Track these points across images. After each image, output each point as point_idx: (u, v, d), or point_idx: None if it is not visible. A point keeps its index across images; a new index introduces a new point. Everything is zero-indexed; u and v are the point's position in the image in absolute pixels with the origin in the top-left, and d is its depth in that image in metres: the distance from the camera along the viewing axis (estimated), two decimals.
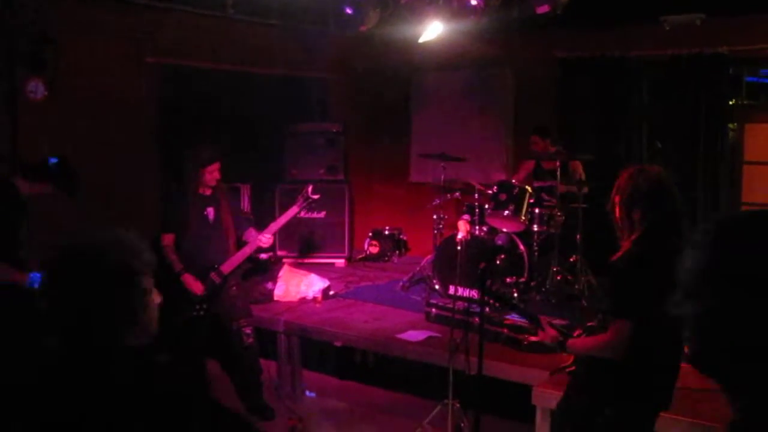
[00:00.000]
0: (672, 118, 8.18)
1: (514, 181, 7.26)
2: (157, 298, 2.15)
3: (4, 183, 4.86)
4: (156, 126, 7.85)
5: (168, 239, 5.72)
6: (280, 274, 7.43)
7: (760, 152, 8.12)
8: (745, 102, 8.50)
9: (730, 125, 8.32)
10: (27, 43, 6.55)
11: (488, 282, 5.49)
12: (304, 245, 8.93)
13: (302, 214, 8.58)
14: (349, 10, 6.31)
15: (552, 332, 3.54)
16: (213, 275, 5.73)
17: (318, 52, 9.20)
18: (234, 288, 5.88)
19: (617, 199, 3.44)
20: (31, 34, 6.53)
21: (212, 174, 5.71)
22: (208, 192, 5.79)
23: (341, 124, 9.34)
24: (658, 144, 9.05)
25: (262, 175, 8.78)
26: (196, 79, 8.10)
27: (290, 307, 6.93)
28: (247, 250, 5.85)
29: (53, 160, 5.00)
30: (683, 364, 5.05)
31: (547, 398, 4.66)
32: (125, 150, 7.39)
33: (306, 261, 8.72)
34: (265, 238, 5.82)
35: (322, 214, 8.96)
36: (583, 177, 7.46)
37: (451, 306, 5.97)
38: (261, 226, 6.00)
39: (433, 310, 6.51)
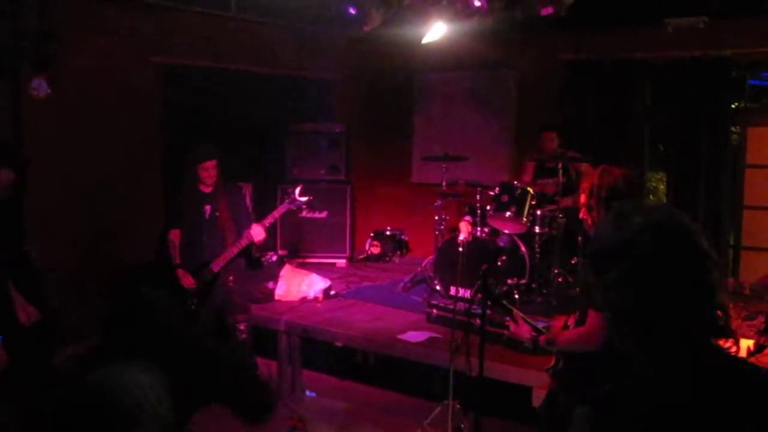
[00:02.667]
0: (675, 121, 8.18)
1: (516, 183, 7.25)
2: None
3: None
4: (160, 125, 7.85)
5: (174, 234, 5.93)
6: (282, 273, 7.44)
7: (763, 155, 8.11)
8: (747, 105, 8.50)
9: (733, 128, 8.32)
10: (31, 40, 6.54)
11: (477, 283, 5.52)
12: (305, 245, 8.93)
13: (304, 213, 8.64)
14: (352, 11, 6.31)
15: (525, 327, 3.61)
16: (205, 271, 5.88)
17: (321, 52, 9.21)
18: (231, 283, 5.99)
19: (583, 198, 3.57)
20: (36, 31, 6.53)
21: (207, 171, 5.81)
22: (208, 190, 5.92)
23: (343, 125, 9.34)
24: (660, 147, 9.06)
25: (263, 174, 8.80)
26: (200, 78, 8.10)
27: (291, 306, 6.94)
28: (234, 249, 5.93)
29: None
30: None
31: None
32: (129, 148, 7.40)
33: (307, 261, 8.73)
34: (255, 231, 5.88)
35: (324, 214, 8.97)
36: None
37: (452, 307, 5.98)
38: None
39: (434, 310, 6.52)
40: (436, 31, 6.74)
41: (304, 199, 6.08)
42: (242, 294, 6.18)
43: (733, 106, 8.24)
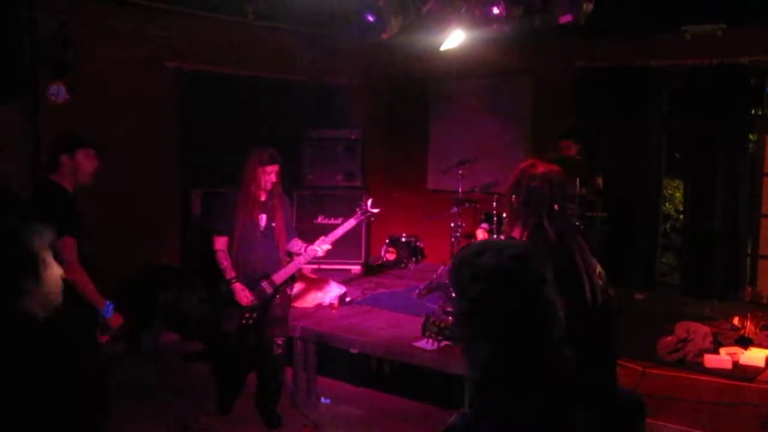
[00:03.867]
0: (692, 129, 8.14)
1: None
2: (57, 271, 2.32)
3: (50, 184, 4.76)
4: (175, 130, 7.88)
5: (221, 243, 5.62)
6: (297, 280, 7.44)
7: None
8: (765, 113, 8.45)
9: (751, 136, 8.28)
10: (49, 47, 6.60)
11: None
12: None
13: (320, 220, 8.65)
14: (370, 18, 6.30)
15: None
16: (265, 285, 5.66)
17: (338, 58, 9.23)
18: (278, 297, 5.82)
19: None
20: (54, 38, 6.58)
21: (269, 176, 5.57)
22: (263, 197, 5.65)
23: (360, 131, 9.35)
24: (676, 155, 9.02)
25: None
26: (216, 84, 8.14)
27: (306, 313, 6.93)
28: (301, 260, 5.78)
29: None
30: (701, 377, 5.06)
31: None
32: (145, 154, 7.44)
33: (322, 267, 8.72)
34: (322, 249, 5.76)
35: (340, 221, 8.94)
36: (602, 187, 7.42)
37: None
38: (310, 241, 5.93)
39: (450, 318, 6.49)
40: (454, 38, 6.72)
41: (376, 210, 6.00)
42: (284, 307, 5.99)
43: (751, 113, 8.19)
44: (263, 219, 5.68)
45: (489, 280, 1.71)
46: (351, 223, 5.92)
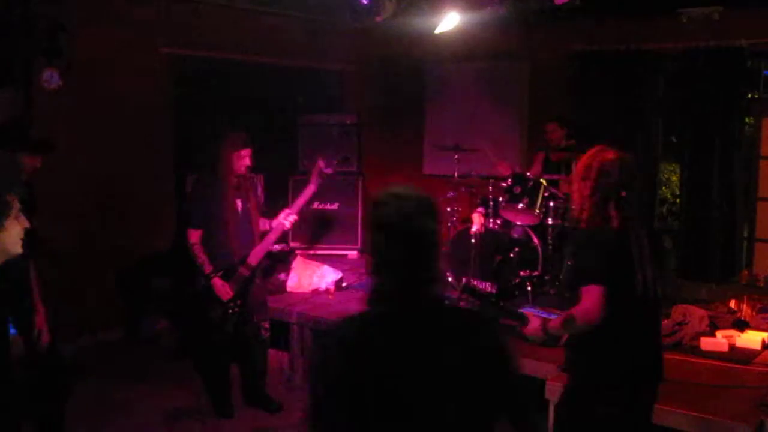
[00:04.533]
0: (688, 112, 8.11)
1: (528, 174, 7.22)
2: (23, 223, 2.46)
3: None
4: (169, 116, 7.85)
5: (195, 236, 5.44)
6: (293, 265, 7.44)
7: None
8: (762, 96, 8.43)
9: (747, 119, 8.25)
10: (42, 32, 6.55)
11: (464, 279, 5.43)
12: (316, 237, 8.91)
13: (315, 205, 8.62)
14: (364, 1, 6.26)
15: (537, 321, 3.58)
16: (242, 269, 5.55)
17: (333, 42, 9.18)
18: (256, 281, 5.73)
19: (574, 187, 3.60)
20: (46, 23, 6.53)
21: (243, 160, 5.45)
22: (235, 182, 5.52)
23: (355, 116, 9.31)
24: (672, 138, 9.00)
25: (275, 166, 8.77)
26: (210, 69, 8.09)
27: (303, 298, 6.93)
28: (271, 237, 5.65)
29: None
30: (697, 360, 5.06)
31: (560, 392, 4.64)
32: (139, 140, 7.41)
33: (319, 252, 8.71)
34: (289, 221, 5.66)
35: (336, 206, 8.95)
36: None
37: (464, 298, 5.95)
38: (274, 217, 5.85)
39: (446, 302, 6.49)
40: (449, 21, 6.68)
41: (329, 171, 5.89)
42: (262, 290, 5.93)
43: (747, 96, 8.16)
44: (239, 204, 5.58)
45: (381, 232, 2.14)
46: (311, 189, 5.75)
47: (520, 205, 6.90)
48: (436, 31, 6.85)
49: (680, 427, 4.21)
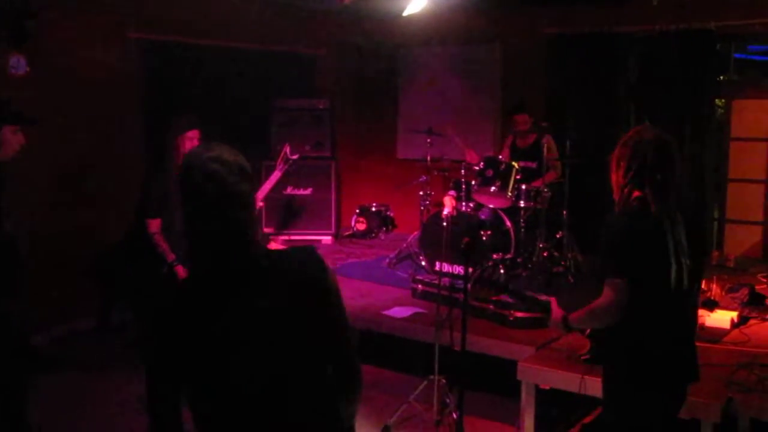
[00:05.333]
0: (660, 94, 8.14)
1: (501, 157, 7.23)
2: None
3: None
4: (140, 102, 7.77)
5: (155, 225, 5.29)
6: None
7: (747, 128, 8.12)
8: (732, 78, 8.49)
9: (718, 101, 8.31)
10: (7, 17, 6.45)
11: (486, 274, 5.38)
12: (290, 222, 8.90)
13: (289, 190, 8.59)
14: None
15: (557, 312, 3.39)
16: None
17: (304, 27, 9.13)
18: None
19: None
20: (12, 8, 6.43)
21: (192, 142, 5.24)
22: None
23: (327, 100, 9.28)
24: (646, 121, 9.03)
25: (247, 151, 8.63)
26: (180, 54, 8.01)
27: None
28: None
29: None
30: None
31: (532, 373, 4.67)
32: (108, 125, 7.33)
33: (293, 238, 8.70)
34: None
35: (309, 191, 8.93)
36: (556, 153, 7.41)
37: (437, 282, 5.96)
38: None
39: (419, 286, 6.51)
40: (417, 3, 6.67)
41: (294, 156, 5.87)
42: None
43: (718, 79, 8.22)
44: None
45: (189, 198, 2.12)
46: (277, 175, 5.77)
47: (493, 189, 6.91)
48: (405, 14, 6.84)
49: None
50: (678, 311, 3.20)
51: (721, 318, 5.43)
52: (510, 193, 6.94)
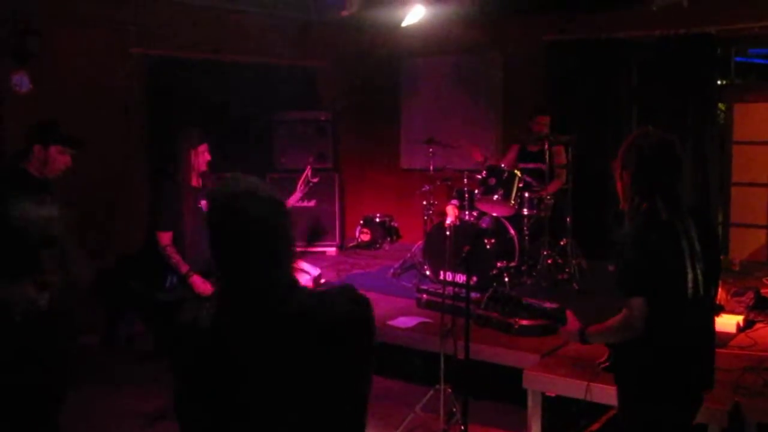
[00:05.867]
0: (661, 99, 8.15)
1: (503, 165, 7.24)
2: None
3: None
4: (143, 118, 7.81)
5: (166, 238, 5.33)
6: None
7: (749, 132, 8.12)
8: (733, 82, 8.49)
9: (720, 105, 8.31)
10: (10, 35, 6.49)
11: (500, 291, 5.31)
12: (295, 234, 8.89)
13: (292, 202, 8.59)
14: None
15: (575, 324, 3.31)
16: None
17: (307, 40, 9.16)
18: None
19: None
20: (15, 25, 6.47)
21: (202, 156, 5.34)
22: (198, 182, 5.42)
23: (330, 112, 9.31)
24: (649, 127, 9.02)
25: (251, 164, 8.72)
26: (183, 69, 8.04)
27: None
28: None
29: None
30: None
31: (538, 381, 4.66)
32: (112, 142, 7.35)
33: (297, 250, 8.68)
34: None
35: (313, 203, 8.94)
36: (566, 161, 7.40)
37: (441, 291, 5.96)
38: None
39: (424, 296, 6.51)
40: (415, 13, 6.70)
41: (316, 180, 5.88)
42: None
43: (719, 83, 8.22)
44: (205, 204, 5.49)
45: (214, 230, 2.03)
46: (297, 195, 5.78)
47: (495, 197, 6.91)
48: (403, 25, 6.87)
49: None
50: (696, 318, 3.12)
51: (727, 322, 5.42)
52: (513, 201, 6.94)
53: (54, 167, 4.61)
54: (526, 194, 7.05)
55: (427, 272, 7.24)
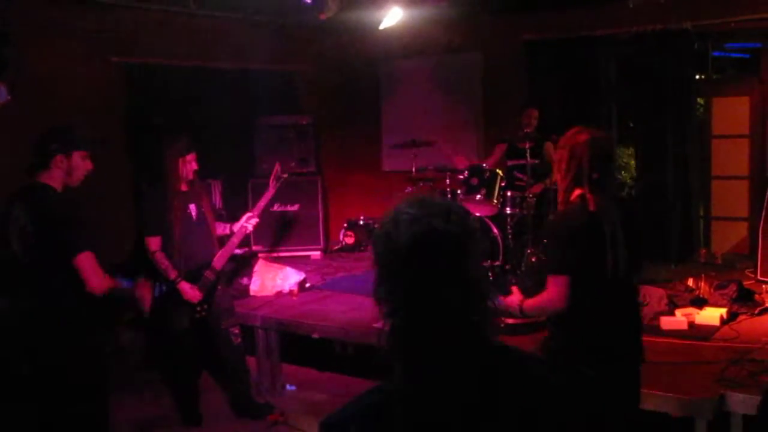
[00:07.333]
0: (640, 95, 8.21)
1: (485, 165, 7.25)
2: None
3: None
4: (124, 126, 7.77)
5: (155, 243, 5.36)
6: (255, 268, 7.38)
7: (728, 126, 8.18)
8: (711, 77, 8.55)
9: (698, 100, 8.37)
10: None
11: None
12: (278, 239, 8.89)
13: (275, 207, 8.60)
14: (307, 0, 6.24)
15: (517, 297, 3.64)
16: (207, 273, 5.45)
17: (287, 45, 9.16)
18: (219, 287, 5.64)
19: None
20: None
21: (190, 164, 5.39)
22: (186, 188, 5.46)
23: (310, 116, 9.30)
24: (630, 124, 9.09)
25: (232, 170, 8.73)
26: (163, 76, 8.03)
27: (266, 301, 6.90)
28: (235, 240, 5.57)
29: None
30: (658, 339, 5.12)
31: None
32: (94, 150, 7.31)
33: (281, 255, 8.69)
34: (251, 223, 5.60)
35: (296, 207, 8.94)
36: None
37: None
38: (234, 221, 5.81)
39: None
40: (393, 16, 6.71)
41: (285, 175, 5.89)
42: (228, 297, 5.86)
43: (697, 77, 8.28)
44: (193, 209, 5.50)
45: (381, 257, 1.59)
46: (270, 193, 5.74)
47: (478, 197, 6.94)
48: (381, 27, 6.86)
49: (643, 406, 4.26)
50: (616, 296, 3.43)
51: (710, 315, 5.45)
52: (496, 201, 6.96)
53: (78, 175, 4.43)
54: (509, 193, 7.08)
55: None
